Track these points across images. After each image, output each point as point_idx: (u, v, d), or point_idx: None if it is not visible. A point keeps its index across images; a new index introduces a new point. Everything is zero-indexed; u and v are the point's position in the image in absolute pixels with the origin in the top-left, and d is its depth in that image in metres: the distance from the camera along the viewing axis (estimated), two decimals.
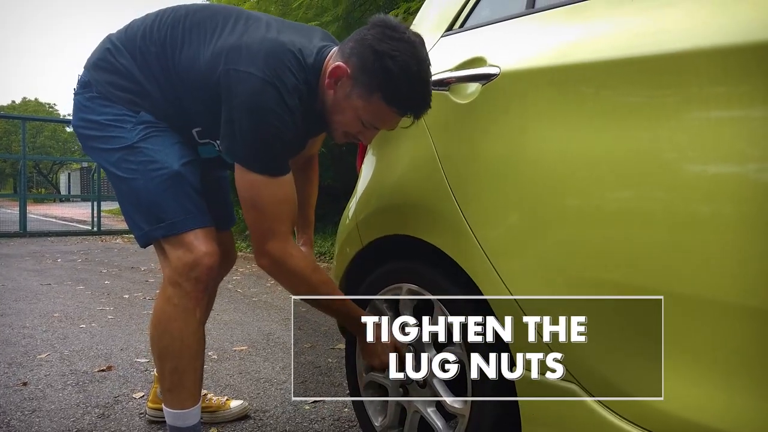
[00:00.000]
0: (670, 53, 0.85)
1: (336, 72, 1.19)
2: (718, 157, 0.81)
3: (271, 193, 1.23)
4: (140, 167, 1.31)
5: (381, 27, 1.16)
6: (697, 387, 0.84)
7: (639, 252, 0.89)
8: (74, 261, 5.81)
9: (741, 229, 0.79)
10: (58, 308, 3.45)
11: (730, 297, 0.80)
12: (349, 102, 1.20)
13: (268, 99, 1.17)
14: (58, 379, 2.16)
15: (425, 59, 1.17)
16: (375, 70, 1.15)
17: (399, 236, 1.35)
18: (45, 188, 38.29)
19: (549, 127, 1.01)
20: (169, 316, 1.34)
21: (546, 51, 1.05)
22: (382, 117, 1.21)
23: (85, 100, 1.36)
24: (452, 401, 1.23)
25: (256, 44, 1.21)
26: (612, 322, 0.93)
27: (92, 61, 1.38)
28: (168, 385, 1.37)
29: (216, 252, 1.35)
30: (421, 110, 1.20)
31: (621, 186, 0.91)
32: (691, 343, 0.84)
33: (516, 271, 1.06)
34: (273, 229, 1.24)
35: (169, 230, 1.32)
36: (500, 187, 1.10)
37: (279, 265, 1.26)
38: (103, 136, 1.34)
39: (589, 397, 0.95)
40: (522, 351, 1.06)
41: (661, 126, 0.87)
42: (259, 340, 2.78)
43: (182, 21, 1.33)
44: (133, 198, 1.34)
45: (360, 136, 1.27)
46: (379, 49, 1.13)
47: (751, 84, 0.78)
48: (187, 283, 1.32)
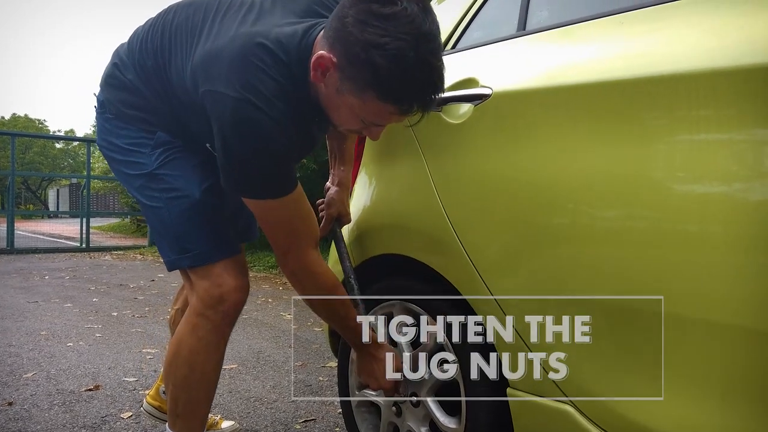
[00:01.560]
0: (659, 75, 0.87)
1: (320, 63, 1.01)
2: (707, 177, 0.82)
3: (280, 215, 1.17)
4: (162, 195, 1.28)
5: (365, 2, 0.94)
6: (692, 407, 0.84)
7: (631, 271, 0.89)
8: (62, 278, 5.75)
9: (732, 247, 0.79)
10: (45, 326, 3.40)
11: (725, 317, 0.80)
12: (342, 98, 1.03)
13: (245, 120, 1.04)
14: (44, 398, 2.12)
15: (429, 33, 0.94)
16: (362, 64, 0.95)
17: (391, 256, 1.35)
18: (33, 204, 37.97)
19: (540, 148, 1.02)
20: (192, 349, 1.30)
21: (537, 72, 1.06)
22: (382, 115, 1.03)
23: (105, 122, 1.33)
24: (446, 420, 1.22)
25: (224, 50, 1.07)
26: (607, 341, 0.93)
27: (104, 79, 1.35)
28: (180, 411, 1.33)
29: (245, 287, 1.32)
30: (428, 101, 1.00)
31: (612, 206, 0.92)
32: (685, 363, 0.84)
33: (509, 290, 1.07)
34: (292, 244, 1.19)
35: (195, 261, 1.29)
36: (493, 207, 1.11)
37: (300, 277, 1.22)
38: (125, 161, 1.32)
39: (583, 418, 0.95)
40: (515, 370, 1.06)
41: (651, 147, 0.88)
42: (249, 359, 2.76)
43: (169, 27, 1.24)
44: (159, 225, 1.31)
45: (365, 132, 1.11)
46: (363, 39, 0.93)
47: (738, 107, 0.79)
48: (215, 316, 1.28)
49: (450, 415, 1.23)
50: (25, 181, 34.50)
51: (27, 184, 36.01)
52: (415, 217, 1.27)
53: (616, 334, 0.92)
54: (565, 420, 0.97)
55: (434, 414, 1.25)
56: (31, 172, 30.42)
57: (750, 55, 0.79)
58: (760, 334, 0.76)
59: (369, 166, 1.48)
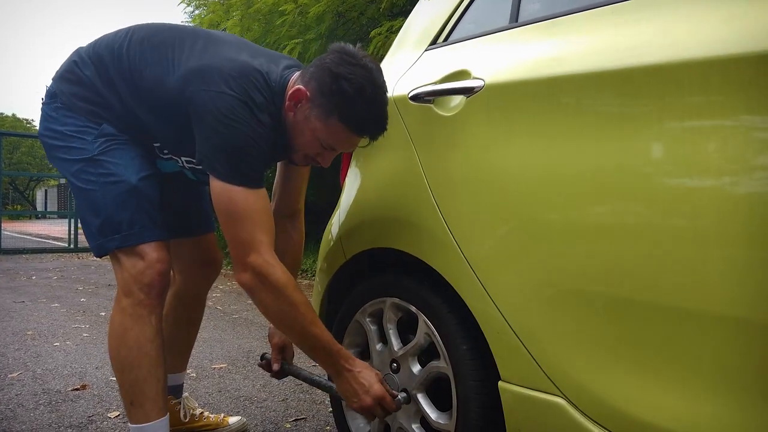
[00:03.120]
0: (653, 65, 0.86)
1: (296, 95, 1.23)
2: (700, 169, 0.82)
3: (251, 203, 1.22)
4: (99, 179, 1.34)
5: (339, 53, 1.21)
6: (686, 399, 0.83)
7: (625, 264, 0.88)
8: (49, 278, 5.68)
9: (724, 240, 0.79)
10: (31, 326, 3.36)
11: (717, 308, 0.79)
12: (308, 124, 1.24)
13: (240, 113, 1.20)
14: (29, 398, 2.09)
15: (381, 84, 1.21)
16: (332, 92, 1.18)
17: (383, 250, 1.34)
18: (21, 205, 37.60)
19: (533, 139, 1.01)
20: (125, 326, 1.33)
21: (530, 64, 1.05)
22: (339, 138, 1.24)
23: (51, 110, 1.39)
24: (437, 416, 1.21)
25: (226, 65, 1.24)
26: (599, 333, 0.92)
27: (59, 73, 1.42)
28: (130, 398, 1.34)
29: (167, 259, 1.36)
30: (377, 131, 1.23)
31: (606, 198, 0.91)
32: (679, 355, 0.84)
33: (502, 283, 1.06)
34: (254, 239, 1.21)
35: (123, 242, 1.33)
36: (485, 199, 1.09)
37: (262, 277, 1.21)
38: (65, 146, 1.37)
39: (576, 411, 0.94)
40: (508, 364, 1.05)
41: (645, 138, 0.87)
42: (239, 358, 2.73)
43: (149, 39, 1.36)
44: (91, 209, 1.36)
45: (318, 158, 1.30)
46: (336, 72, 1.18)
47: (730, 95, 0.79)
48: (139, 291, 1.32)
49: (441, 411, 1.22)
50: (12, 182, 34.16)
51: (15, 185, 35.66)
52: (406, 210, 1.26)
53: (610, 327, 0.91)
54: (558, 413, 0.96)
55: (425, 410, 1.23)
56: (18, 172, 30.10)
57: (743, 43, 0.78)
58: (755, 326, 0.76)
59: (360, 159, 1.46)
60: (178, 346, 1.71)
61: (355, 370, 1.26)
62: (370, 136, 1.24)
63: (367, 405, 1.24)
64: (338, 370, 1.27)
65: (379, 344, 1.37)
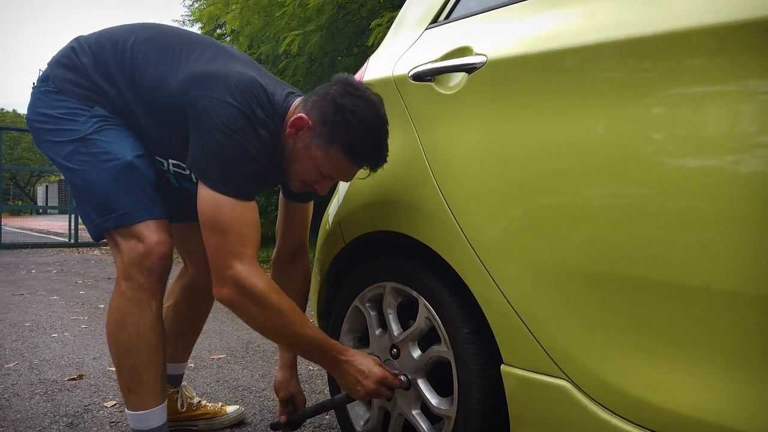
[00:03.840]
0: (661, 33, 0.83)
1: (297, 122, 1.21)
2: (713, 145, 0.79)
3: (238, 214, 1.18)
4: (92, 159, 1.29)
5: (343, 84, 1.21)
6: (694, 380, 0.81)
7: (632, 244, 0.86)
8: (49, 272, 5.66)
9: (738, 220, 0.76)
10: (29, 318, 3.33)
11: (725, 286, 0.77)
12: (309, 152, 1.22)
13: (241, 125, 1.17)
14: (25, 388, 2.06)
15: (383, 117, 1.20)
16: (336, 123, 1.18)
17: (383, 233, 1.31)
18: (22, 200, 37.60)
19: (538, 116, 0.98)
20: (124, 311, 1.29)
21: (534, 37, 1.02)
22: (340, 168, 1.23)
23: (41, 94, 1.35)
24: (438, 402, 1.18)
25: (233, 75, 1.22)
26: (605, 315, 0.89)
27: (55, 58, 1.38)
28: (128, 384, 1.31)
29: (168, 241, 1.31)
30: (377, 163, 1.22)
31: (615, 176, 0.88)
32: (688, 335, 0.81)
33: (505, 265, 1.03)
34: (237, 251, 1.16)
35: (120, 221, 1.29)
36: (488, 179, 1.07)
37: (244, 289, 1.15)
38: (55, 129, 1.32)
39: (581, 394, 0.91)
40: (510, 347, 1.02)
41: (658, 112, 0.84)
42: (237, 349, 2.71)
43: (157, 39, 1.34)
44: (86, 190, 1.31)
45: (316, 185, 1.28)
46: (341, 103, 1.17)
47: (741, 62, 0.76)
48: (139, 274, 1.28)
49: (442, 397, 1.20)
50: (13, 177, 34.15)
51: (15, 180, 35.66)
52: (407, 192, 1.23)
53: (617, 308, 0.88)
54: (563, 397, 0.93)
55: (426, 396, 1.21)
56: (18, 167, 29.96)
57: (751, 9, 0.75)
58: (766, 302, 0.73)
59: None
60: (183, 337, 1.69)
61: (351, 359, 1.24)
62: (370, 167, 1.23)
63: (371, 389, 1.22)
64: (335, 363, 1.25)
65: (379, 330, 1.35)
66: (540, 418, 0.99)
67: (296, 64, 5.46)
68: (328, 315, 1.50)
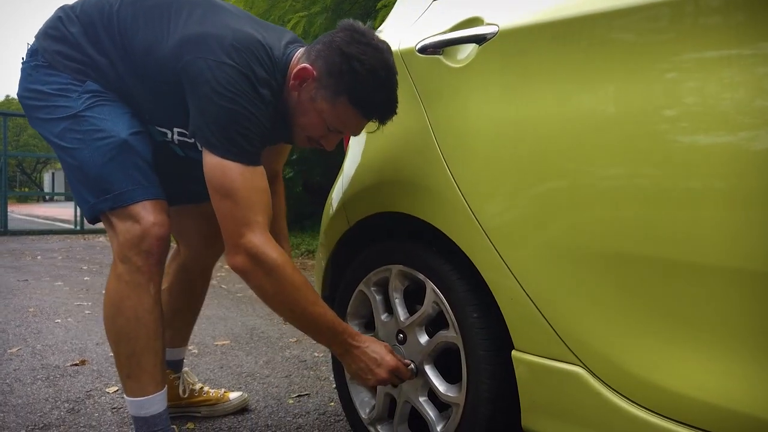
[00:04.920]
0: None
1: (301, 74, 1.16)
2: (736, 120, 0.73)
3: (246, 179, 1.14)
4: (85, 137, 1.23)
5: (350, 31, 1.14)
6: (716, 366, 0.76)
7: (652, 223, 0.81)
8: (54, 258, 5.66)
9: (749, 198, 0.71)
10: (33, 303, 3.32)
11: (748, 266, 0.72)
12: (314, 105, 1.17)
13: (241, 85, 1.12)
14: (27, 373, 2.04)
15: (392, 66, 1.15)
16: (342, 72, 1.12)
17: (389, 214, 1.26)
18: (29, 187, 37.75)
19: (553, 88, 0.93)
20: (121, 295, 1.24)
21: (549, 4, 0.96)
22: (347, 120, 1.18)
23: (31, 69, 1.29)
24: (446, 389, 1.14)
25: (227, 34, 1.15)
26: (623, 298, 0.84)
27: (42, 30, 1.31)
28: (127, 371, 1.27)
29: (166, 222, 1.26)
30: (387, 115, 1.17)
31: (634, 151, 0.83)
32: (711, 319, 0.76)
33: (516, 247, 0.98)
34: (249, 219, 1.13)
35: (115, 202, 1.23)
36: (499, 156, 1.01)
37: (258, 259, 1.13)
38: (47, 106, 1.26)
39: (596, 381, 0.87)
40: (522, 332, 0.98)
41: (681, 80, 0.79)
42: (242, 335, 2.68)
43: (142, 1, 1.26)
44: (79, 170, 1.25)
45: (322, 140, 1.23)
46: (348, 52, 1.11)
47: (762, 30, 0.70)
48: (137, 257, 1.22)
49: (450, 383, 1.15)
50: (20, 164, 34.27)
51: (22, 167, 35.79)
52: (413, 171, 1.18)
53: (635, 290, 0.83)
54: (577, 383, 0.89)
55: (433, 383, 1.17)
56: (23, 153, 29.99)
57: None
58: None
59: None
60: (179, 320, 1.65)
61: (363, 346, 1.20)
62: (379, 119, 1.17)
63: (383, 378, 1.18)
64: (346, 348, 1.20)
65: (385, 314, 1.30)
66: (553, 406, 0.95)
67: None
68: (333, 300, 1.46)
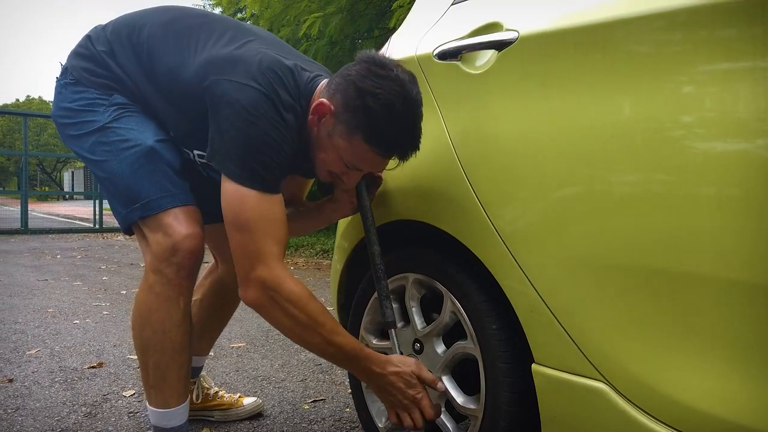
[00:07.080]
0: (707, 3, 0.75)
1: (319, 109, 1.12)
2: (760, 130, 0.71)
3: (263, 210, 1.10)
4: (113, 148, 1.24)
5: (367, 63, 1.10)
6: (747, 387, 0.73)
7: (680, 235, 0.78)
8: (73, 257, 5.73)
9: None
10: (52, 304, 3.36)
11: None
12: (332, 141, 1.13)
13: (264, 109, 1.09)
14: (45, 375, 2.06)
15: (413, 98, 1.08)
16: (356, 109, 1.07)
17: (405, 222, 1.24)
18: (49, 186, 38.30)
19: (575, 95, 0.90)
20: (150, 307, 1.23)
21: (570, 9, 0.94)
22: (364, 159, 1.13)
23: (61, 87, 1.31)
24: (464, 400, 1.12)
25: (254, 57, 1.14)
26: (648, 312, 0.82)
27: (74, 49, 1.35)
28: (151, 381, 1.27)
29: (199, 234, 1.24)
30: (406, 153, 1.11)
31: (660, 159, 0.80)
32: (743, 336, 0.73)
33: (537, 257, 0.96)
34: (263, 251, 1.09)
35: (144, 211, 1.22)
36: (518, 165, 0.99)
37: (272, 292, 1.09)
38: (76, 123, 1.28)
39: (620, 398, 0.85)
40: (542, 345, 0.96)
41: (699, 84, 0.76)
42: (258, 337, 2.68)
43: (173, 24, 1.27)
44: (109, 181, 1.26)
45: (343, 177, 1.18)
46: (361, 86, 1.07)
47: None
48: (168, 269, 1.21)
49: (468, 395, 1.13)
50: (40, 163, 34.79)
51: (42, 166, 36.32)
52: (431, 179, 1.16)
53: (661, 305, 0.80)
54: (599, 400, 0.86)
55: (451, 394, 1.15)
56: (43, 153, 30.43)
57: None
58: None
59: None
60: (208, 332, 1.66)
61: (389, 371, 1.13)
62: (399, 156, 1.12)
63: (418, 401, 1.13)
64: (370, 376, 1.16)
65: (401, 323, 1.29)
66: (574, 422, 0.92)
67: (316, 47, 5.38)
68: (348, 307, 1.44)
